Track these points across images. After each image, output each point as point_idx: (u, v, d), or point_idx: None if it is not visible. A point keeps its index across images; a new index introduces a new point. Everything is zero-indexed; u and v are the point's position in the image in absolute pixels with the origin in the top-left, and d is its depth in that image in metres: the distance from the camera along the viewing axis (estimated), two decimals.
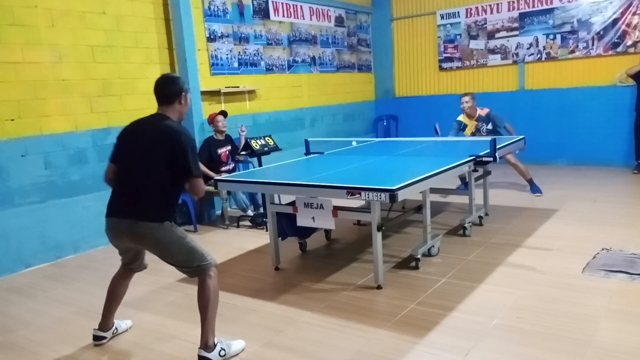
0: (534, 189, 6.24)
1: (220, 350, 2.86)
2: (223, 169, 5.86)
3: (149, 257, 3.65)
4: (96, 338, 3.16)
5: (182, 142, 2.81)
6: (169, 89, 2.96)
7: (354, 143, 4.95)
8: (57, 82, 4.95)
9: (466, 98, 6.22)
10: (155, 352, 3.03)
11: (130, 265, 3.19)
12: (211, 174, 5.70)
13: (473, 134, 6.25)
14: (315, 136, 7.87)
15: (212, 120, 5.86)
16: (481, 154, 4.37)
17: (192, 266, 2.86)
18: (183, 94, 2.98)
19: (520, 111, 8.26)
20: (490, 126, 6.16)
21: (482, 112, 6.22)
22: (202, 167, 5.70)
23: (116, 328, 3.25)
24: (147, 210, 2.82)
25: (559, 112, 8.03)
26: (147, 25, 5.73)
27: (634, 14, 7.30)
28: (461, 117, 6.35)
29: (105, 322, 3.18)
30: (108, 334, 3.19)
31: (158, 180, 2.83)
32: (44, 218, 4.85)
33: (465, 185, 5.85)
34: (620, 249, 4.14)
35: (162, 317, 3.50)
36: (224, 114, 5.95)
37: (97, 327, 3.18)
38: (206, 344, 2.86)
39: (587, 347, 2.71)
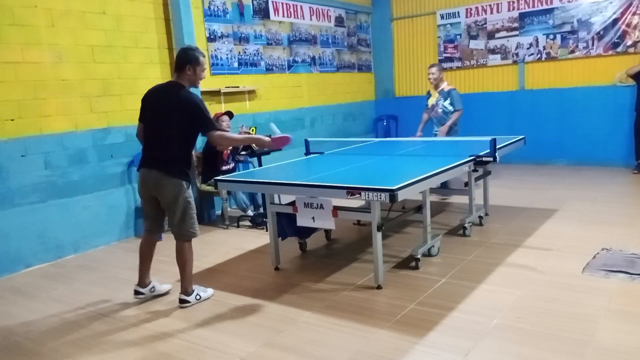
0: None
1: (196, 295, 3.64)
2: (223, 168, 5.86)
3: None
4: (136, 292, 3.76)
5: (196, 107, 3.40)
6: (180, 58, 3.49)
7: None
8: (57, 82, 4.95)
9: (432, 69, 6.31)
10: (155, 352, 3.03)
11: (151, 230, 3.75)
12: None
13: (432, 107, 6.36)
14: (315, 136, 7.87)
15: (216, 119, 5.86)
16: (481, 154, 4.37)
17: (181, 231, 3.54)
18: (193, 63, 3.44)
19: (520, 111, 8.27)
20: (447, 104, 6.16)
21: (446, 87, 6.26)
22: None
23: (153, 287, 3.81)
24: (168, 166, 3.45)
25: (559, 112, 8.03)
26: (147, 25, 5.73)
27: (634, 14, 7.30)
28: (430, 89, 6.50)
29: (142, 280, 3.76)
30: (145, 291, 3.77)
31: (176, 142, 3.44)
32: (44, 218, 4.86)
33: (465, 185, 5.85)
34: (620, 249, 4.14)
35: (162, 317, 3.50)
36: (229, 114, 5.95)
37: (137, 283, 3.77)
38: (186, 291, 3.62)
39: (587, 347, 2.71)
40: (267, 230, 5.03)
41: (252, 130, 6.23)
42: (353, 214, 4.09)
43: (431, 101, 6.40)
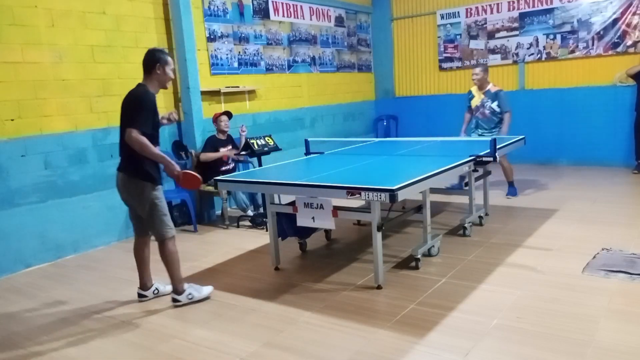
0: (511, 190, 6.23)
1: (188, 294, 3.62)
2: (223, 168, 5.86)
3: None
4: (139, 295, 3.77)
5: (135, 101, 3.39)
6: (146, 60, 3.54)
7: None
8: (57, 82, 4.95)
9: (477, 69, 6.19)
10: (155, 352, 3.03)
11: (137, 232, 3.72)
12: (221, 155, 5.72)
13: (477, 108, 6.19)
14: (315, 136, 7.87)
15: (215, 119, 5.88)
16: (481, 154, 4.37)
17: (154, 232, 3.55)
18: (158, 64, 3.48)
19: (520, 111, 8.22)
20: (495, 105, 6.03)
21: (493, 88, 6.14)
22: (211, 155, 5.73)
23: (157, 289, 3.81)
24: (130, 167, 3.45)
25: (559, 112, 8.03)
26: (147, 25, 5.73)
27: (634, 14, 7.30)
28: (473, 88, 6.34)
29: (143, 283, 3.76)
30: (148, 293, 3.78)
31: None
32: (44, 218, 4.85)
33: (461, 185, 5.84)
34: (620, 249, 4.14)
35: (162, 317, 3.50)
36: (228, 114, 5.96)
37: (139, 286, 3.77)
38: (177, 290, 3.61)
39: (587, 347, 2.71)
40: (267, 230, 5.03)
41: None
42: (353, 214, 4.09)
43: (475, 102, 6.23)
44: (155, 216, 3.50)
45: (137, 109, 3.36)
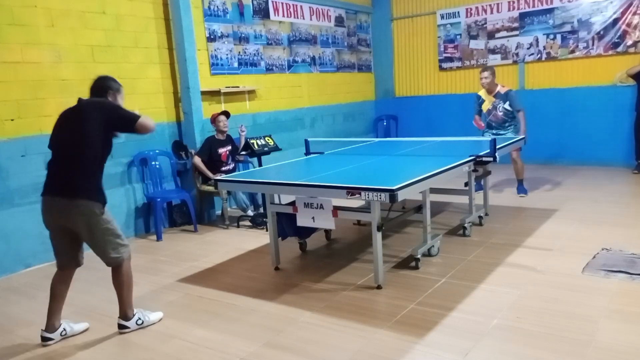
0: (521, 189, 6.24)
1: (137, 320, 3.32)
2: (223, 168, 5.86)
3: (149, 257, 3.67)
4: (43, 339, 3.20)
5: (107, 105, 3.15)
6: (99, 84, 3.29)
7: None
8: (57, 82, 4.95)
9: (485, 73, 6.12)
10: (155, 352, 3.03)
11: (66, 264, 3.34)
12: (210, 174, 5.71)
13: (489, 111, 6.17)
14: (315, 136, 7.87)
15: (214, 119, 5.87)
16: (481, 154, 4.37)
17: (108, 258, 3.18)
18: (110, 92, 3.25)
19: None
20: (507, 105, 6.02)
21: (502, 89, 6.11)
22: (201, 166, 5.71)
23: (64, 329, 3.27)
24: (70, 187, 3.07)
25: (559, 112, 8.03)
26: (147, 25, 5.73)
27: (634, 13, 7.29)
28: (481, 92, 6.30)
29: (51, 324, 3.21)
30: (55, 335, 3.22)
31: (87, 159, 3.11)
32: None
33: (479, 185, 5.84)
34: (620, 249, 4.13)
35: (162, 317, 3.50)
36: (226, 114, 5.95)
37: (44, 328, 3.22)
38: (125, 316, 3.30)
39: (587, 347, 2.71)
40: (267, 230, 5.03)
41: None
42: (353, 214, 4.09)
43: (486, 106, 6.18)
44: (108, 240, 3.10)
45: (117, 106, 3.19)
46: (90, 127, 3.06)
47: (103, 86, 3.24)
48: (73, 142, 3.08)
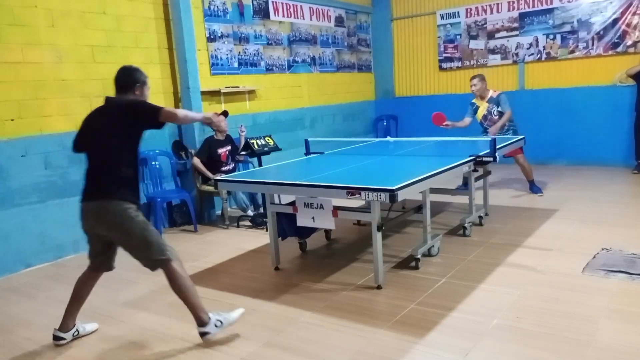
0: (535, 189, 6.26)
1: (215, 322, 3.04)
2: (223, 169, 5.86)
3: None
4: (55, 338, 3.17)
5: (130, 101, 3.00)
6: (125, 78, 3.12)
7: None
8: (57, 82, 4.95)
9: (474, 80, 6.18)
10: (155, 352, 3.03)
11: (99, 267, 3.25)
12: (209, 174, 5.71)
13: (485, 117, 6.20)
14: (315, 136, 7.86)
15: None
16: (481, 154, 4.37)
17: (152, 262, 3.01)
18: (138, 85, 3.10)
19: (520, 111, 8.21)
20: (500, 108, 6.06)
21: (494, 94, 6.15)
22: (201, 167, 5.71)
23: (77, 330, 3.24)
24: (107, 190, 2.99)
25: (559, 112, 8.03)
26: (147, 25, 5.73)
27: (634, 14, 7.30)
28: (475, 99, 6.32)
29: (65, 323, 3.18)
30: (67, 335, 3.19)
31: (115, 159, 2.99)
32: (44, 218, 4.85)
33: (465, 185, 5.84)
34: (620, 249, 4.14)
35: (162, 317, 3.50)
36: (225, 114, 5.93)
37: (57, 327, 3.18)
38: (201, 321, 3.02)
39: (587, 347, 2.71)
40: (267, 230, 5.03)
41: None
42: (353, 214, 4.09)
43: (481, 112, 6.20)
44: (148, 242, 2.96)
45: (140, 100, 3.05)
46: (116, 128, 2.98)
47: (128, 80, 3.11)
48: (100, 144, 3.02)
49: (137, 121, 3.00)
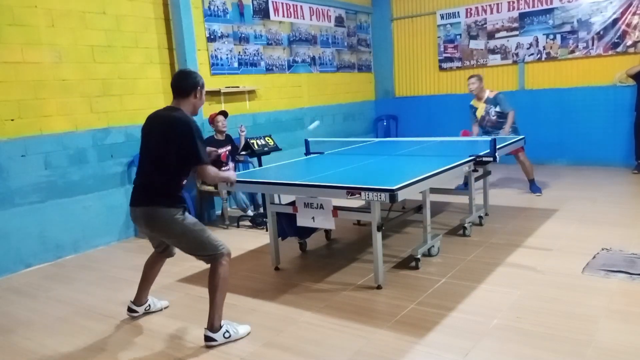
0: (534, 188, 6.26)
1: (225, 332, 3.05)
2: (223, 169, 5.85)
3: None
4: (130, 310, 3.49)
5: (188, 131, 2.94)
6: (183, 83, 3.09)
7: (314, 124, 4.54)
8: (57, 82, 4.95)
9: (472, 79, 6.20)
10: (155, 352, 3.03)
11: (162, 252, 3.45)
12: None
13: (483, 117, 6.21)
14: (315, 136, 7.86)
15: (212, 120, 5.86)
16: (481, 154, 4.37)
17: (206, 257, 3.10)
18: (198, 88, 3.10)
19: (520, 111, 8.18)
20: (498, 109, 6.08)
21: (491, 94, 6.17)
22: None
23: (149, 305, 3.53)
24: (157, 197, 3.02)
25: (559, 112, 8.03)
26: (147, 25, 5.73)
27: (634, 14, 7.30)
28: (473, 101, 6.34)
29: (139, 298, 3.49)
30: (140, 309, 3.50)
31: (167, 169, 3.02)
32: (44, 218, 4.86)
33: (465, 185, 5.84)
34: (620, 249, 4.14)
35: (162, 317, 3.50)
36: (224, 114, 5.95)
37: (132, 300, 3.50)
38: (212, 326, 3.04)
39: (587, 347, 2.71)
40: (267, 230, 5.03)
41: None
42: (353, 214, 4.09)
43: (480, 112, 6.23)
44: (200, 241, 3.06)
45: (199, 143, 2.97)
46: (163, 145, 3.00)
47: (188, 85, 3.08)
48: (149, 153, 3.10)
49: (184, 153, 2.99)
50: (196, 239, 3.05)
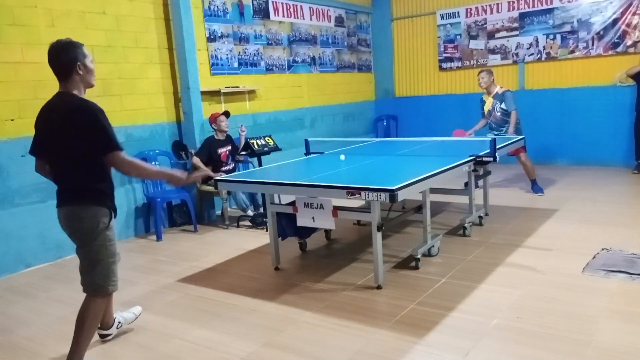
0: (536, 188, 6.26)
1: None
2: (223, 169, 5.85)
3: (149, 257, 3.64)
4: (101, 336, 3.17)
5: (86, 116, 2.61)
6: (57, 63, 2.71)
7: (342, 157, 4.78)
8: (57, 82, 4.93)
9: (481, 74, 6.21)
10: (155, 352, 3.03)
11: None
12: (211, 173, 5.70)
13: (490, 113, 6.24)
14: (315, 136, 7.87)
15: (214, 120, 5.85)
16: (481, 154, 4.37)
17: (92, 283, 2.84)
18: (78, 63, 2.68)
19: (520, 111, 8.21)
20: (503, 105, 6.09)
21: (499, 90, 6.18)
22: (200, 164, 5.69)
23: (119, 322, 3.23)
24: (80, 194, 2.77)
25: (559, 112, 8.03)
26: (147, 25, 5.73)
27: (634, 14, 7.29)
28: (484, 95, 6.37)
29: (105, 322, 3.16)
30: (111, 331, 3.19)
31: (77, 165, 2.71)
32: (44, 218, 4.84)
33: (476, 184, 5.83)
34: (620, 249, 4.14)
35: (162, 317, 3.50)
36: (226, 114, 5.95)
37: (99, 326, 3.14)
38: None
39: (587, 347, 2.71)
40: (267, 230, 5.03)
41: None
42: (353, 214, 4.09)
43: (487, 107, 6.26)
44: (103, 263, 2.80)
45: (102, 126, 2.61)
46: (65, 139, 2.72)
47: (63, 64, 2.72)
48: (55, 151, 2.83)
49: (93, 143, 2.69)
50: (100, 258, 2.79)
